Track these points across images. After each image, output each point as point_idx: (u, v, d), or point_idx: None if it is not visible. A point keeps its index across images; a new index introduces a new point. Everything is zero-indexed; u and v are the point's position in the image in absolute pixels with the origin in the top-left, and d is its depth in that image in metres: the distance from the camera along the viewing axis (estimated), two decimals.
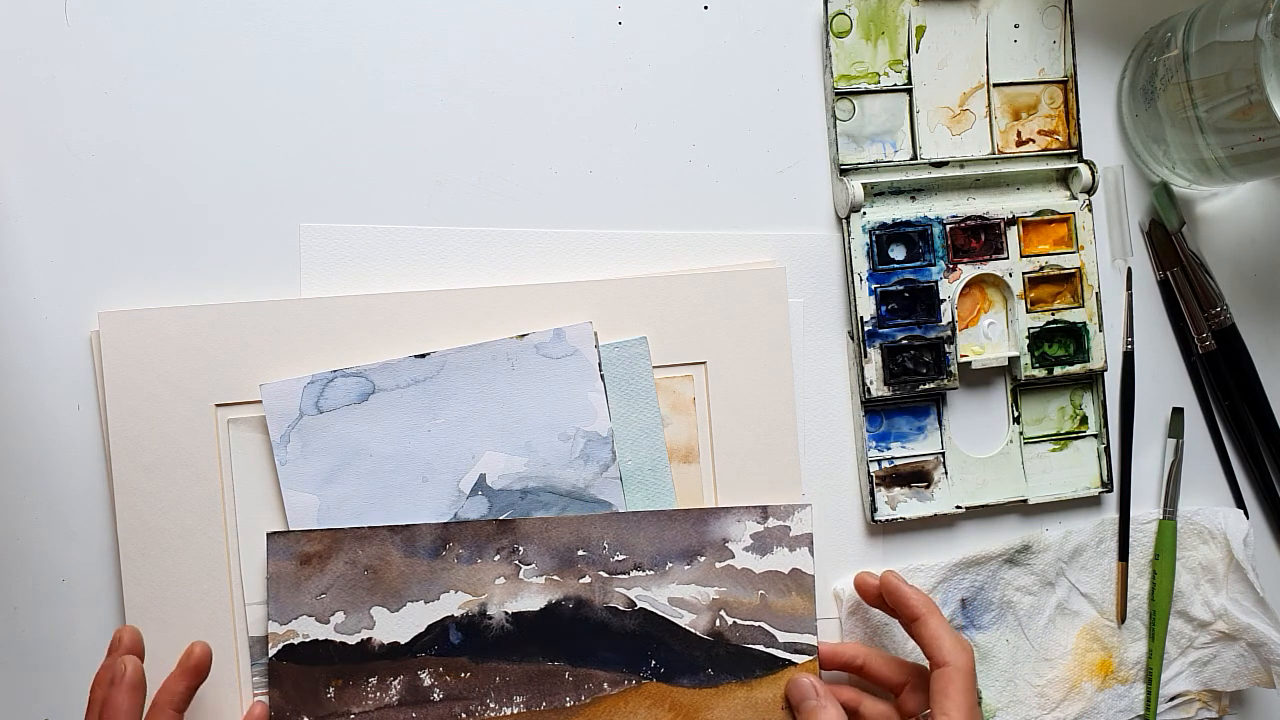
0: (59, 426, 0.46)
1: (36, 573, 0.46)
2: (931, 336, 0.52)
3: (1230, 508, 0.57)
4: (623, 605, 0.46)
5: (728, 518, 0.47)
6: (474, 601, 0.45)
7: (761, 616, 0.47)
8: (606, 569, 0.46)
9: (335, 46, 0.48)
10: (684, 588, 0.46)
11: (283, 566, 0.44)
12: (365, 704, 0.44)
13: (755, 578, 0.47)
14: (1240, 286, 0.57)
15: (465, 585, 0.45)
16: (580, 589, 0.46)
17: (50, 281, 0.46)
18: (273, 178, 0.48)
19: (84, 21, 0.46)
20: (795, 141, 0.53)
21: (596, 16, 0.51)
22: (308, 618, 0.44)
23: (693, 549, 0.47)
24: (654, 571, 0.46)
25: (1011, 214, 0.53)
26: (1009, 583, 0.53)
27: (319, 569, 0.44)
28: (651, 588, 0.46)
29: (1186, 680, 0.56)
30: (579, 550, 0.46)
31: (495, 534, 0.45)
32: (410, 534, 0.45)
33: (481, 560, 0.45)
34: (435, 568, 0.45)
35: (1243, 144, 0.50)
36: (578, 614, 0.46)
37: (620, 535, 0.46)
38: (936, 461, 0.53)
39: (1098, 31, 0.56)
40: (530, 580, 0.46)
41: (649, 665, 0.46)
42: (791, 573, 0.47)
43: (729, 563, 0.47)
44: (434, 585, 0.45)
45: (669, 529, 0.47)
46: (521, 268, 0.50)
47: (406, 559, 0.45)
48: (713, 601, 0.47)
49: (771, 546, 0.47)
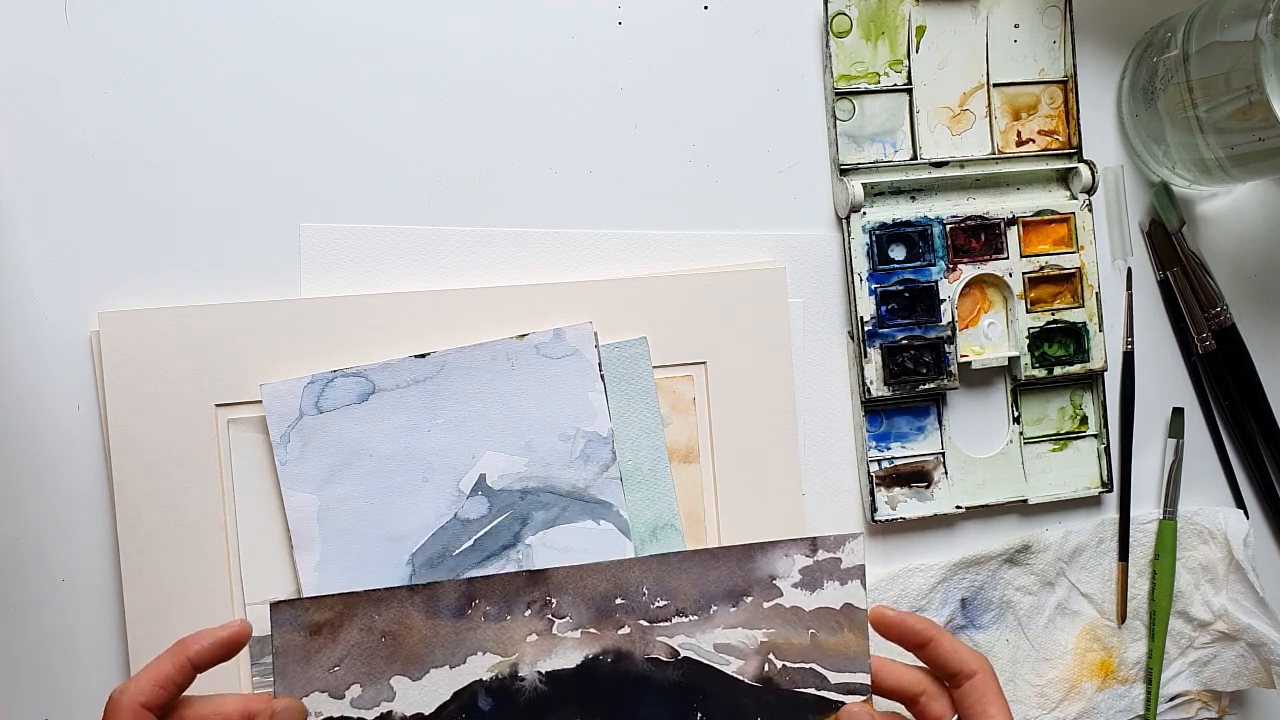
0: (59, 426, 0.46)
1: (36, 573, 0.46)
2: (931, 336, 0.52)
3: (1230, 508, 0.57)
4: (665, 655, 0.42)
5: (775, 552, 0.43)
6: (504, 663, 0.41)
7: (812, 657, 0.43)
8: (647, 617, 0.42)
9: (335, 46, 0.48)
10: (730, 632, 0.43)
11: (290, 639, 0.40)
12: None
13: (805, 616, 0.43)
14: (1240, 286, 0.57)
15: (494, 645, 0.41)
16: (619, 640, 0.42)
17: (50, 281, 0.46)
18: (273, 178, 0.48)
19: (84, 21, 0.46)
20: (795, 141, 0.53)
21: (596, 16, 0.51)
22: (320, 694, 0.40)
23: (739, 589, 0.43)
24: (698, 616, 0.43)
25: (1011, 214, 0.53)
26: (1009, 582, 0.53)
27: (331, 639, 0.40)
28: (695, 634, 0.43)
29: (1186, 680, 0.56)
30: (617, 598, 0.42)
31: (525, 586, 0.42)
32: (432, 593, 0.41)
33: (511, 616, 0.41)
34: (460, 628, 0.41)
35: (1243, 144, 0.50)
36: (617, 668, 0.42)
37: (661, 579, 0.42)
38: (936, 461, 0.53)
39: (1098, 31, 0.56)
40: (565, 635, 0.42)
41: (695, 719, 0.43)
42: (843, 608, 0.43)
43: (777, 601, 0.43)
44: (459, 648, 0.41)
45: (713, 569, 0.43)
46: (521, 267, 0.50)
47: (429, 620, 0.41)
48: (761, 645, 0.43)
49: (822, 581, 0.43)
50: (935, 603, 0.52)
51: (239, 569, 0.46)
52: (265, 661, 0.45)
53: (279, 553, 0.46)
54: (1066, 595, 0.54)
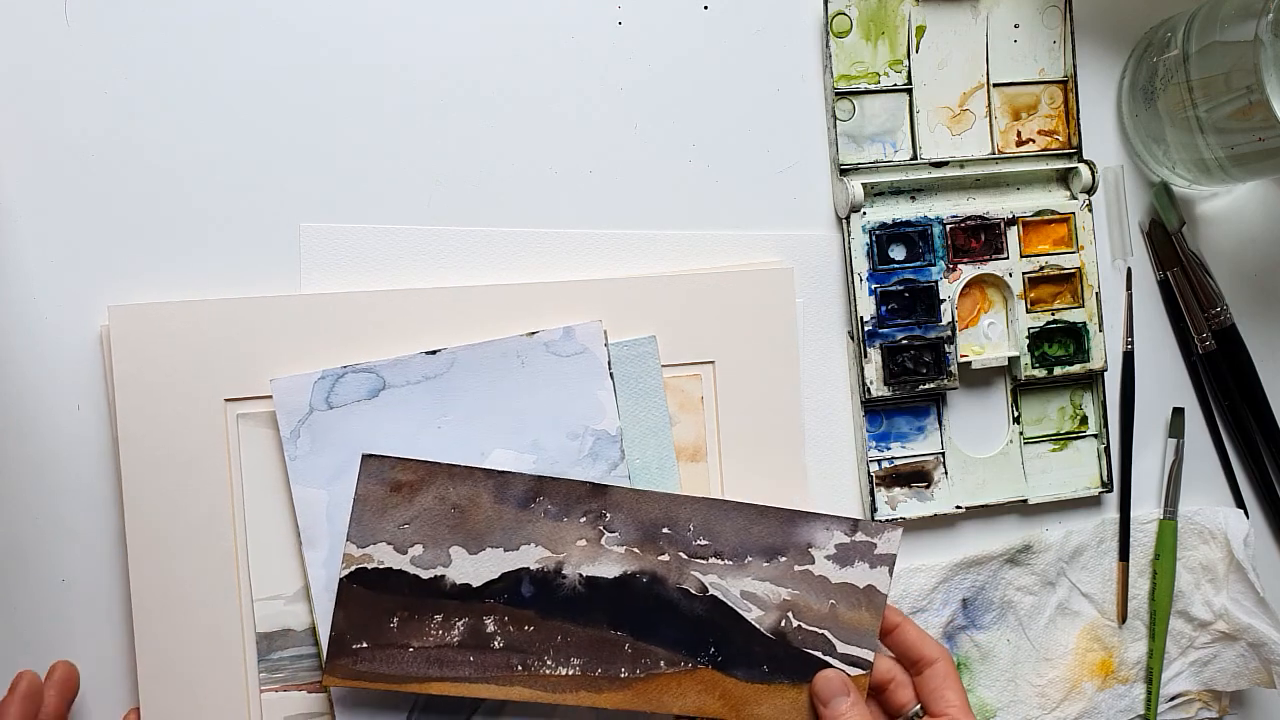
0: (59, 426, 0.46)
1: (36, 573, 0.46)
2: (931, 336, 0.52)
3: (1231, 508, 0.57)
4: (695, 589, 0.46)
5: (816, 524, 0.46)
6: (552, 558, 0.45)
7: (827, 625, 0.46)
8: (687, 551, 0.46)
9: (335, 46, 0.48)
10: (758, 583, 0.46)
11: (372, 490, 0.43)
12: (426, 640, 0.44)
13: (830, 587, 0.46)
14: (1240, 286, 0.57)
15: (546, 541, 0.45)
16: (657, 565, 0.45)
17: (51, 282, 0.46)
18: (273, 178, 0.48)
19: (84, 21, 0.46)
20: (795, 141, 0.53)
21: (596, 16, 0.51)
22: (386, 545, 0.43)
23: (775, 548, 0.46)
24: (733, 562, 0.46)
25: (1011, 214, 0.53)
26: (1010, 582, 0.53)
27: (408, 499, 0.44)
28: (726, 577, 0.46)
29: (1187, 680, 0.56)
30: (664, 528, 0.45)
31: (587, 496, 0.45)
32: (504, 480, 0.44)
33: (568, 519, 0.45)
34: (521, 518, 0.44)
35: (1243, 144, 0.50)
36: (650, 589, 0.45)
37: (707, 521, 0.46)
38: (936, 461, 0.53)
39: (1098, 31, 0.56)
40: (611, 548, 0.45)
41: (707, 652, 0.46)
42: (866, 588, 0.47)
43: (808, 567, 0.46)
44: (516, 535, 0.44)
45: (757, 524, 0.46)
46: (521, 267, 0.50)
47: (496, 504, 0.44)
48: (783, 602, 0.46)
49: (854, 560, 0.46)
50: (936, 603, 0.52)
51: (247, 565, 0.46)
52: (272, 658, 0.45)
53: (288, 548, 0.46)
54: (1067, 595, 0.54)
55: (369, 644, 0.43)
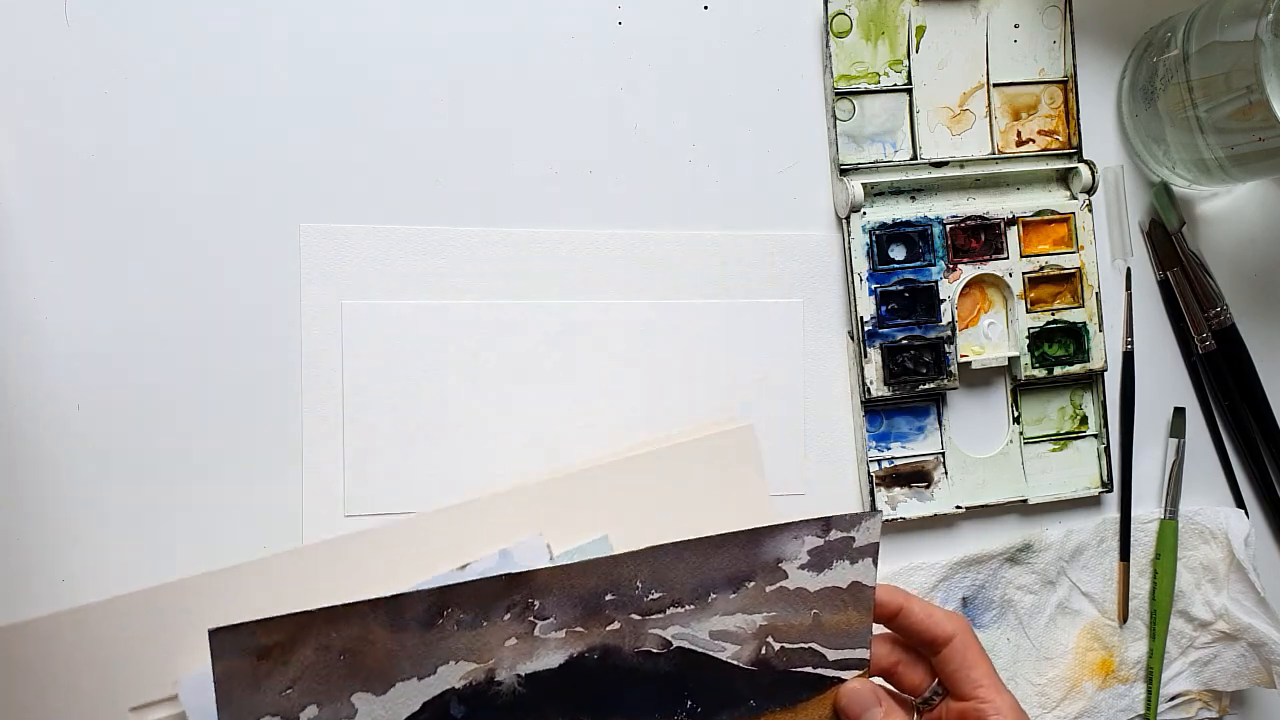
0: (59, 426, 0.46)
1: (36, 573, 0.46)
2: (931, 336, 0.52)
3: (1231, 508, 0.57)
4: (656, 647, 0.40)
5: (783, 536, 0.40)
6: (479, 669, 0.38)
7: (812, 637, 0.41)
8: (639, 610, 0.39)
9: (335, 47, 0.48)
10: (727, 619, 0.40)
11: (234, 665, 0.35)
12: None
13: (809, 596, 0.41)
14: (1240, 286, 0.57)
15: (468, 653, 0.38)
16: (608, 636, 0.39)
17: (50, 282, 0.46)
18: (273, 178, 0.48)
19: (84, 22, 0.46)
20: (795, 141, 0.53)
21: (596, 16, 0.51)
22: (272, 718, 0.36)
23: (741, 575, 0.40)
24: (694, 605, 0.40)
25: (1011, 214, 0.53)
26: (1010, 582, 0.53)
27: (282, 661, 0.36)
28: (690, 624, 0.40)
29: (1187, 680, 0.56)
30: (607, 594, 0.39)
31: (504, 590, 0.38)
32: (396, 606, 0.37)
33: (488, 622, 0.38)
34: (430, 639, 0.37)
35: (1243, 144, 0.50)
36: (604, 664, 0.39)
37: (657, 570, 0.39)
38: (936, 461, 0.53)
39: (1098, 31, 0.56)
40: (547, 636, 0.39)
41: (684, 707, 0.41)
42: (850, 586, 0.41)
43: (781, 584, 0.41)
44: (429, 659, 0.37)
45: (714, 557, 0.40)
46: (522, 267, 0.50)
47: (393, 634, 0.37)
48: (759, 629, 0.41)
49: (831, 561, 0.41)
50: (936, 601, 0.52)
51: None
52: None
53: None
54: (1067, 594, 0.54)
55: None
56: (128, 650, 0.42)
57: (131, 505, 0.46)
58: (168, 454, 0.46)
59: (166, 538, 0.46)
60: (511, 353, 0.49)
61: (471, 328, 0.49)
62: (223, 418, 0.47)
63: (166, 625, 0.43)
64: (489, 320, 0.49)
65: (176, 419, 0.46)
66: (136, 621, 0.42)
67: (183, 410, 0.46)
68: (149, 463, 0.46)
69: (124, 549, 0.46)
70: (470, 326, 0.49)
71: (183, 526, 0.46)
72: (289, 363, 0.47)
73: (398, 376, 0.48)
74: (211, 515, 0.47)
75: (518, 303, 0.50)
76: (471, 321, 0.49)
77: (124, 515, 0.46)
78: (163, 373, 0.46)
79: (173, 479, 0.46)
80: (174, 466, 0.46)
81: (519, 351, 0.49)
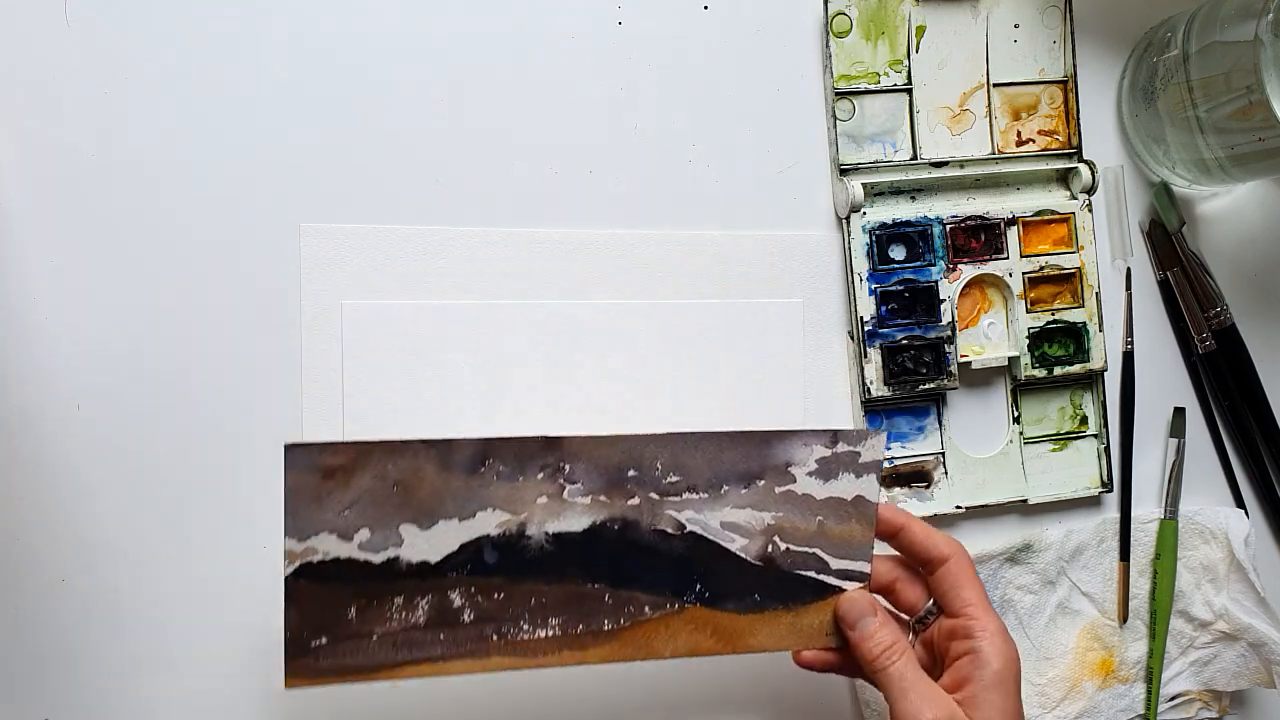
0: (59, 426, 0.46)
1: (36, 573, 0.46)
2: (931, 336, 0.52)
3: (1231, 508, 0.57)
4: (671, 528, 0.43)
5: (793, 441, 0.44)
6: (513, 520, 0.42)
7: (817, 543, 0.44)
8: (658, 490, 0.43)
9: (335, 47, 0.48)
10: (738, 512, 0.44)
11: (303, 480, 0.39)
12: (389, 625, 0.41)
13: (815, 504, 0.44)
14: (1240, 286, 0.57)
15: (504, 504, 0.42)
16: (627, 510, 0.43)
17: (50, 282, 0.46)
18: (273, 178, 0.48)
19: (84, 22, 0.46)
20: (795, 141, 0.53)
21: (596, 16, 0.51)
22: (329, 534, 0.40)
23: (752, 472, 0.44)
24: (708, 494, 0.43)
25: (1011, 214, 0.53)
26: (1010, 581, 0.53)
27: (343, 483, 0.40)
28: (704, 511, 0.43)
29: (1187, 680, 0.56)
30: (630, 470, 0.42)
31: (541, 451, 0.42)
32: (447, 448, 0.41)
33: (523, 478, 0.42)
34: (472, 484, 0.41)
35: (1243, 144, 0.50)
36: (623, 536, 0.43)
37: (676, 456, 0.43)
38: (936, 461, 0.53)
39: (1098, 31, 0.56)
40: (574, 500, 0.42)
41: (693, 590, 0.44)
42: (855, 500, 0.44)
43: (790, 487, 0.44)
44: (470, 503, 0.41)
45: (729, 451, 0.43)
46: (522, 267, 0.50)
47: (441, 474, 0.41)
48: (767, 527, 0.44)
49: (837, 472, 0.44)
50: None
51: None
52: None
53: None
54: (1067, 594, 0.54)
55: (329, 639, 0.41)
56: None
57: (131, 505, 0.46)
58: (168, 453, 0.46)
59: (166, 538, 0.46)
60: (511, 353, 0.49)
61: (471, 328, 0.49)
62: (223, 418, 0.47)
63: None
64: (489, 320, 0.49)
65: (176, 419, 0.46)
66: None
67: (183, 410, 0.46)
68: (149, 462, 0.46)
69: (124, 549, 0.46)
70: (470, 326, 0.49)
71: (183, 526, 0.46)
72: (289, 363, 0.47)
73: (398, 376, 0.48)
74: (212, 515, 0.47)
75: (518, 303, 0.50)
76: (471, 321, 0.49)
77: (124, 515, 0.46)
78: (162, 372, 0.46)
79: (173, 479, 0.46)
80: (174, 466, 0.46)
81: (519, 351, 0.49)
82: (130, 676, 0.46)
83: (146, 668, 0.46)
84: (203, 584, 0.46)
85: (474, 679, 0.44)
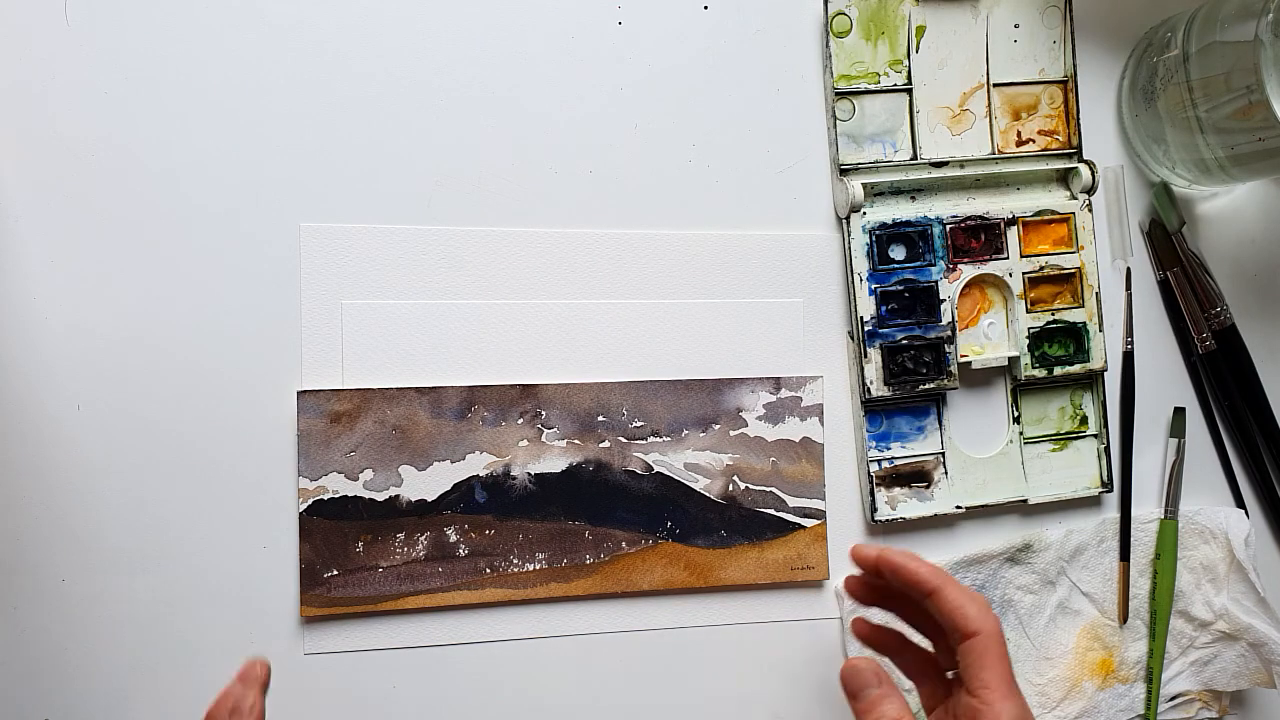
0: (59, 426, 0.46)
1: (36, 573, 0.46)
2: (931, 336, 0.52)
3: (1231, 508, 0.57)
4: (640, 469, 0.48)
5: (742, 388, 0.49)
6: (498, 462, 0.47)
7: (773, 482, 0.49)
8: (625, 434, 0.48)
9: (335, 46, 0.48)
10: (699, 454, 0.49)
11: (313, 424, 0.46)
12: (393, 558, 0.46)
13: (767, 445, 0.49)
14: (1240, 286, 0.57)
15: (490, 447, 0.47)
16: (600, 453, 0.48)
17: (50, 281, 0.46)
18: (273, 178, 0.48)
19: (84, 21, 0.46)
20: (795, 141, 0.53)
21: (596, 16, 0.51)
22: (337, 474, 0.46)
23: (708, 417, 0.49)
24: (670, 438, 0.49)
25: (1011, 214, 0.53)
26: (1010, 581, 0.53)
27: (349, 427, 0.46)
28: (668, 453, 0.49)
29: (1187, 680, 0.56)
30: (599, 416, 0.48)
31: (519, 398, 0.47)
32: (437, 396, 0.47)
33: (505, 423, 0.47)
34: (461, 429, 0.47)
35: (1243, 144, 0.50)
36: (597, 476, 0.48)
37: (639, 402, 0.48)
38: (936, 461, 0.53)
39: (1098, 31, 0.56)
40: (552, 443, 0.48)
41: (665, 526, 0.49)
42: (802, 441, 0.50)
43: (742, 430, 0.49)
44: (460, 446, 0.47)
45: (685, 397, 0.49)
46: (522, 267, 0.50)
47: (434, 419, 0.47)
48: (726, 467, 0.49)
49: (784, 416, 0.50)
50: None
51: None
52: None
53: None
54: (1067, 594, 0.54)
55: (339, 570, 0.46)
56: None
57: (131, 505, 0.46)
58: (167, 454, 0.46)
59: (166, 538, 0.46)
60: (511, 352, 0.49)
61: (471, 328, 0.49)
62: (223, 417, 0.47)
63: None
64: (489, 320, 0.49)
65: (176, 419, 0.46)
66: None
67: (182, 410, 0.46)
68: (149, 463, 0.46)
69: (124, 549, 0.46)
70: (470, 326, 0.49)
71: (183, 526, 0.46)
72: (289, 363, 0.47)
73: (398, 376, 0.48)
74: (211, 515, 0.47)
75: (518, 303, 0.50)
76: (471, 321, 0.49)
77: (124, 515, 0.46)
78: (163, 372, 0.46)
79: (172, 479, 0.46)
80: (174, 466, 0.46)
81: (519, 351, 0.49)
82: (130, 676, 0.46)
83: (146, 668, 0.46)
84: (203, 584, 0.46)
85: (477, 688, 0.46)
